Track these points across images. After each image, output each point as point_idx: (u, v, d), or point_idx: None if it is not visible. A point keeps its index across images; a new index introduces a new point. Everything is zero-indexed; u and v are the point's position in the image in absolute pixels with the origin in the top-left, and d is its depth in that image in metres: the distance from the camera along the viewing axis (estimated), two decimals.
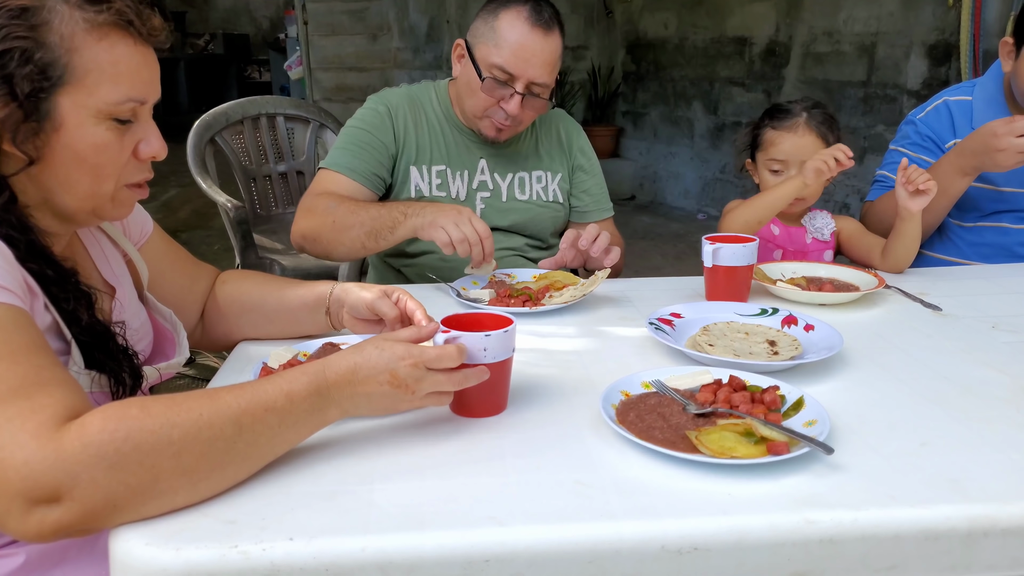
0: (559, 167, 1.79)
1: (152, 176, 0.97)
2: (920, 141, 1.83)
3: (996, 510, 0.76)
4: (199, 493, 0.75)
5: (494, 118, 1.61)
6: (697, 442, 0.86)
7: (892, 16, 4.18)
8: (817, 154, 1.52)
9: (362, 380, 0.83)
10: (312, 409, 0.82)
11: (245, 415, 0.76)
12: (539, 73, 1.55)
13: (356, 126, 1.69)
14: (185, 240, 5.19)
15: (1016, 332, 1.25)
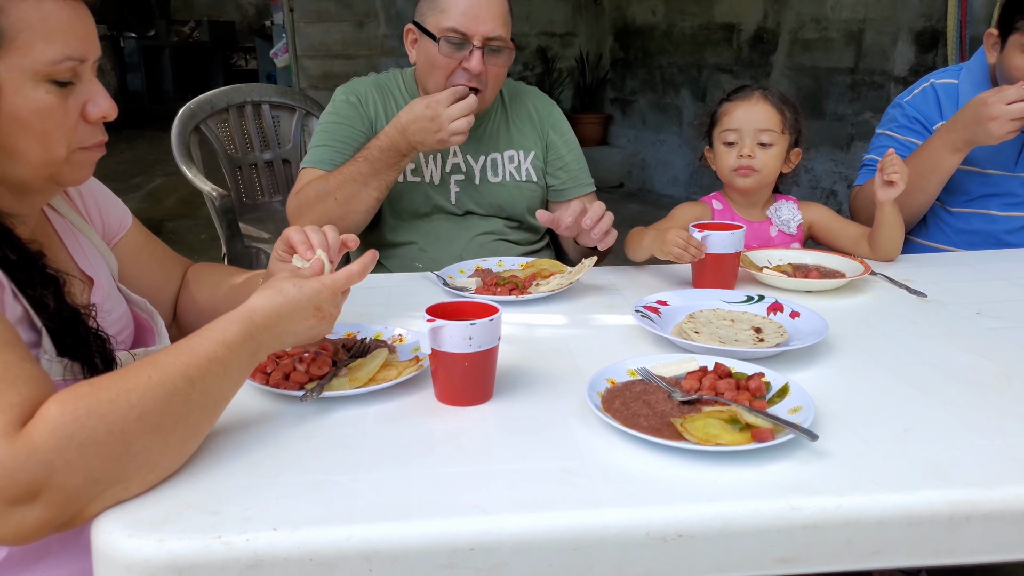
0: (532, 145, 1.78)
1: (107, 138, 0.94)
2: (907, 124, 1.83)
3: (978, 495, 0.77)
4: (173, 448, 0.77)
5: (459, 83, 1.59)
6: (682, 429, 0.86)
7: (879, 2, 4.18)
8: (675, 236, 1.35)
9: (287, 319, 0.88)
10: (249, 352, 0.85)
11: (191, 368, 0.79)
12: (491, 27, 1.56)
13: (331, 120, 1.68)
14: (171, 230, 5.16)
15: (1000, 318, 1.25)
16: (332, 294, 0.90)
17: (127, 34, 10.73)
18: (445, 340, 0.92)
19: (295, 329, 0.89)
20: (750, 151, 1.55)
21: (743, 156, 1.55)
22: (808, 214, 1.66)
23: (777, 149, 1.57)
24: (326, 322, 0.91)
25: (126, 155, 7.68)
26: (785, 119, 1.57)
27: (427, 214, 1.72)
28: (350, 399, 0.96)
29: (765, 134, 1.56)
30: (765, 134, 1.56)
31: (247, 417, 0.92)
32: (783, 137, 1.57)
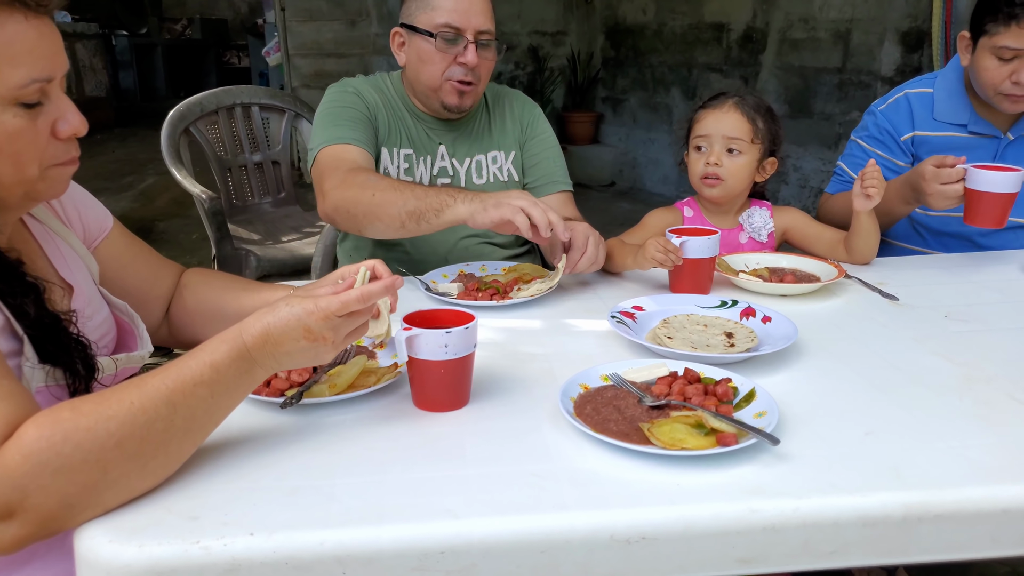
0: (512, 145, 1.81)
1: (79, 153, 0.93)
2: (877, 135, 1.87)
3: (931, 496, 0.80)
4: (152, 474, 0.78)
5: (453, 79, 1.61)
6: (649, 434, 0.89)
7: (866, 3, 4.21)
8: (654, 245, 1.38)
9: (277, 339, 0.84)
10: (239, 373, 0.83)
11: (175, 393, 0.79)
12: (482, 20, 1.60)
13: (337, 104, 1.66)
14: (163, 229, 5.17)
15: (967, 321, 1.29)
16: (323, 317, 0.85)
17: (119, 32, 10.71)
18: (421, 348, 0.95)
19: (288, 350, 0.85)
20: (717, 159, 1.57)
21: (710, 164, 1.57)
22: (783, 220, 1.68)
23: (746, 159, 1.58)
24: (321, 345, 0.86)
25: (118, 154, 7.68)
26: (756, 129, 1.58)
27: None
28: (330, 405, 0.99)
29: (734, 142, 1.57)
30: (734, 142, 1.57)
31: (229, 424, 0.93)
32: (753, 147, 1.58)
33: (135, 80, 11.03)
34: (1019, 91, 1.63)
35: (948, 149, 1.79)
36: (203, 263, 4.25)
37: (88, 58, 9.30)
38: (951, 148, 1.79)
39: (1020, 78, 1.61)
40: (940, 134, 1.81)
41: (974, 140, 1.79)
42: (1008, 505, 0.79)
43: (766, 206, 1.69)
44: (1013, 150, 1.78)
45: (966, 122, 1.79)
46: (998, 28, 1.61)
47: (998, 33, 1.61)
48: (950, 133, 1.80)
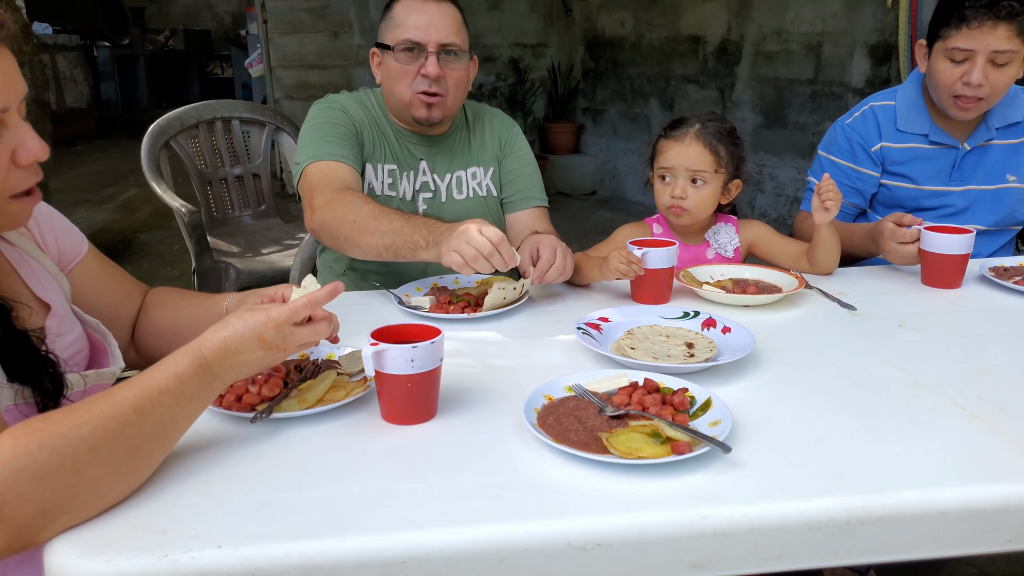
0: (491, 161, 1.85)
1: (41, 178, 0.94)
2: (847, 147, 1.92)
3: (873, 500, 0.84)
4: (124, 478, 0.81)
5: (419, 91, 1.66)
6: (608, 443, 0.92)
7: (836, 17, 4.29)
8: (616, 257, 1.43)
9: (235, 351, 0.90)
10: (200, 385, 0.88)
11: (143, 401, 0.82)
12: (444, 34, 1.64)
13: (323, 120, 1.70)
14: (144, 241, 5.17)
15: (920, 330, 1.33)
16: (275, 327, 0.91)
17: (100, 43, 10.69)
18: (388, 363, 0.98)
19: (245, 359, 0.90)
20: (681, 192, 1.60)
21: (675, 196, 1.61)
22: (747, 234, 1.72)
23: (711, 188, 1.61)
24: (276, 352, 0.92)
25: (99, 165, 7.66)
26: (719, 158, 1.60)
27: None
28: (299, 420, 1.02)
29: (698, 174, 1.60)
30: (698, 174, 1.60)
31: (199, 438, 0.97)
32: (717, 176, 1.61)
33: (117, 91, 11.01)
34: (969, 92, 1.69)
35: (911, 159, 1.85)
36: (183, 275, 4.25)
37: (69, 70, 9.28)
38: (914, 158, 1.86)
39: (971, 78, 1.67)
40: (903, 145, 1.87)
41: (934, 150, 1.85)
42: (944, 507, 0.83)
43: (731, 222, 1.73)
44: (970, 159, 1.84)
45: (926, 132, 1.85)
46: (950, 32, 1.69)
47: (950, 36, 1.69)
48: (912, 144, 1.86)
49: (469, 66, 1.72)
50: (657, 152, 1.66)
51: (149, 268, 4.51)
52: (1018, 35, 1.64)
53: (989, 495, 0.85)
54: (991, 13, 1.62)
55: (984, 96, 1.70)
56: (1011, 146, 1.83)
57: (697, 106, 5.40)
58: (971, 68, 1.67)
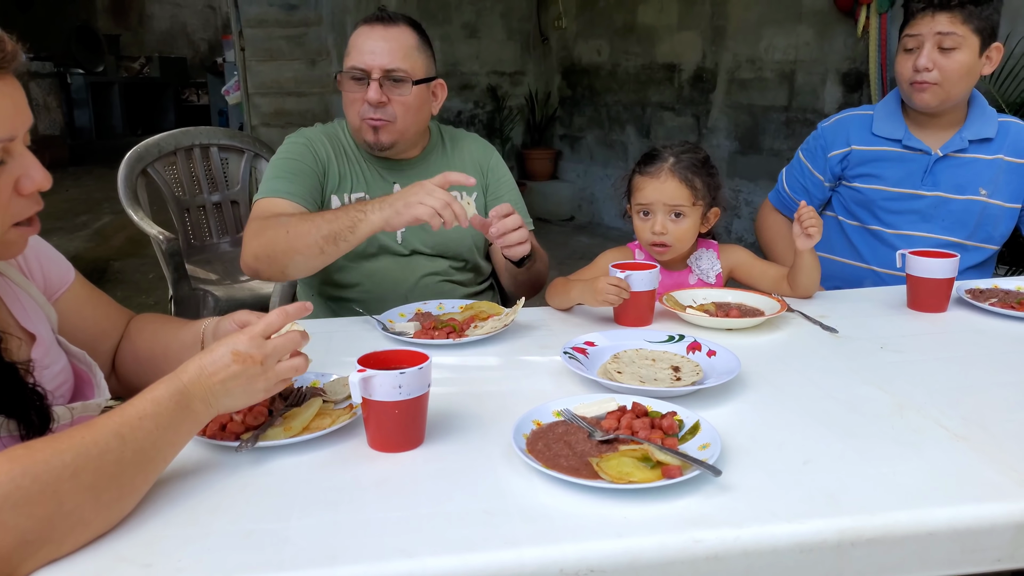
0: (474, 187, 1.82)
1: (42, 207, 0.95)
2: (812, 148, 2.05)
3: (864, 521, 0.84)
4: (106, 507, 0.79)
5: (365, 117, 1.68)
6: (598, 468, 0.92)
7: (808, 45, 4.39)
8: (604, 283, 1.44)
9: (210, 371, 0.90)
10: (179, 407, 0.88)
11: (123, 427, 0.82)
12: (387, 60, 1.65)
13: (284, 156, 1.73)
14: (119, 269, 5.11)
15: (901, 351, 1.35)
16: (248, 337, 0.92)
17: (74, 70, 10.63)
18: (375, 389, 0.97)
19: (221, 377, 0.90)
20: (662, 227, 1.60)
21: (656, 233, 1.61)
22: (728, 259, 1.74)
23: (690, 220, 1.62)
24: (251, 367, 0.91)
25: (72, 193, 7.58)
26: (696, 190, 1.60)
27: (373, 254, 1.77)
28: (285, 448, 1.00)
29: (676, 208, 1.60)
30: (676, 208, 1.60)
31: (183, 468, 0.95)
32: (695, 208, 1.61)
33: (91, 118, 10.93)
34: (920, 77, 1.80)
35: (883, 161, 1.95)
36: (159, 303, 4.20)
37: (42, 97, 9.21)
38: (886, 160, 1.95)
39: (919, 62, 1.78)
40: (876, 148, 1.95)
41: (907, 154, 1.93)
42: (934, 528, 0.84)
43: (712, 247, 1.74)
44: (942, 167, 1.90)
45: (900, 137, 1.93)
46: (905, 27, 1.83)
47: (904, 30, 1.82)
48: (885, 147, 1.94)
49: (423, 90, 1.71)
50: (633, 188, 1.66)
51: (124, 296, 4.45)
52: (964, 22, 1.76)
53: (976, 515, 0.86)
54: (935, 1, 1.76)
55: (936, 81, 1.79)
56: (984, 161, 1.89)
57: (673, 133, 5.48)
58: (919, 53, 1.79)
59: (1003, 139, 1.90)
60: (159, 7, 13.19)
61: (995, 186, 1.89)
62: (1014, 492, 0.89)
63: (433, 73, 1.75)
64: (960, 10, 1.75)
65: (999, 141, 1.89)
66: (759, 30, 4.68)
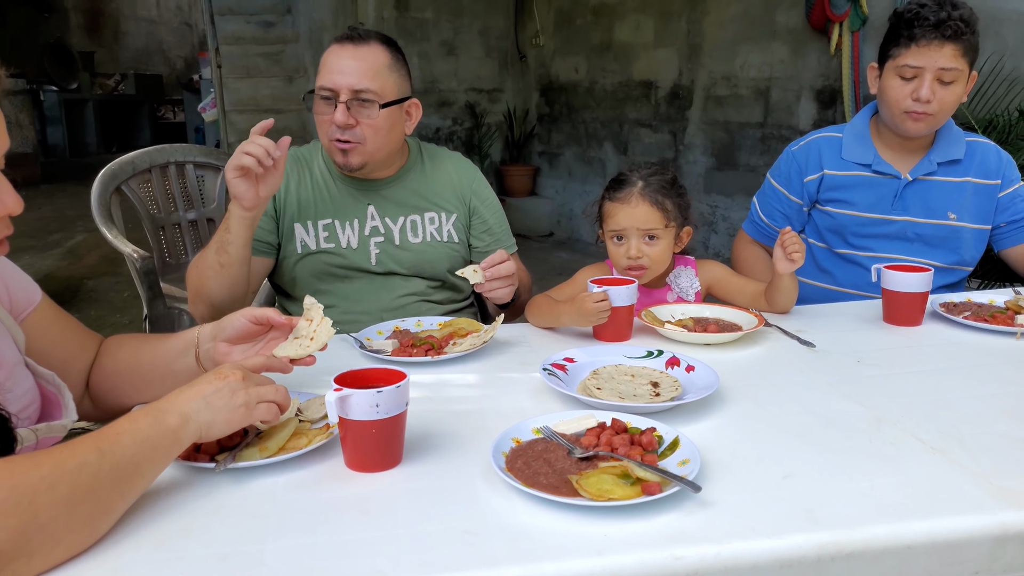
0: (454, 208, 1.84)
1: (11, 231, 0.94)
2: (785, 172, 2.03)
3: (842, 536, 0.84)
4: (81, 523, 0.78)
5: (334, 139, 1.66)
6: (578, 486, 0.91)
7: (783, 62, 4.45)
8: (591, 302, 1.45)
9: (191, 390, 0.93)
10: (154, 421, 0.88)
11: (102, 441, 0.82)
12: (356, 80, 1.62)
13: None
14: (92, 288, 5.04)
15: (878, 366, 1.36)
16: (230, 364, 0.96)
17: (47, 87, 10.53)
18: (352, 408, 0.96)
19: (202, 391, 0.92)
20: (637, 252, 1.61)
21: (631, 257, 1.61)
22: (706, 275, 1.74)
23: (664, 241, 1.62)
24: (232, 380, 0.94)
25: (45, 211, 7.49)
26: (667, 212, 1.61)
27: (347, 276, 1.76)
28: (261, 468, 0.99)
29: (649, 232, 1.61)
30: (649, 232, 1.61)
31: (155, 489, 0.93)
32: (668, 230, 1.62)
33: (64, 136, 10.84)
34: (920, 107, 1.78)
35: (854, 186, 1.94)
36: (133, 322, 4.15)
37: (14, 114, 9.10)
38: (857, 185, 1.94)
39: (920, 94, 1.76)
40: (847, 173, 1.95)
41: (877, 179, 1.92)
42: (911, 541, 0.84)
43: (690, 264, 1.75)
44: (912, 191, 1.91)
45: (870, 162, 1.93)
46: (900, 51, 1.78)
47: (900, 55, 1.78)
48: (855, 172, 1.94)
49: (394, 111, 1.68)
50: (605, 215, 1.66)
51: (98, 315, 4.38)
52: (963, 55, 1.74)
53: (954, 528, 0.86)
54: (938, 32, 1.71)
55: (933, 112, 1.78)
56: (952, 184, 1.90)
57: (651, 149, 5.52)
58: (920, 85, 1.76)
59: (971, 160, 1.91)
60: (134, 24, 13.13)
61: (964, 209, 1.90)
62: (990, 504, 0.90)
63: (407, 92, 1.72)
64: (962, 42, 1.72)
65: (967, 162, 1.91)
66: (734, 48, 4.75)
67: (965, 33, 1.72)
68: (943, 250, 1.92)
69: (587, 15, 5.93)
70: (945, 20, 1.70)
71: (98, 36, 12.34)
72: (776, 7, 4.42)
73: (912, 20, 1.74)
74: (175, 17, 14.02)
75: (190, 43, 14.10)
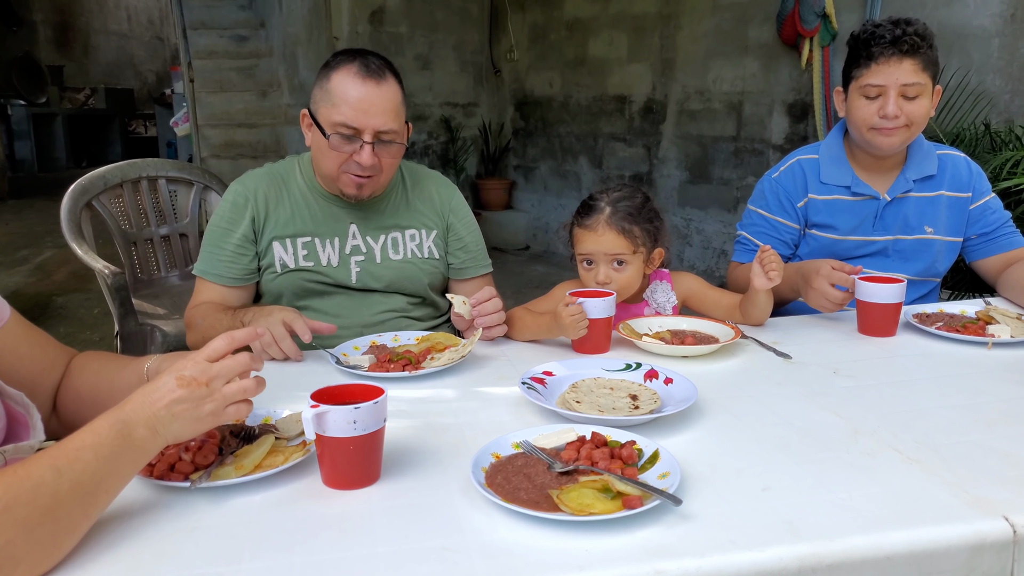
0: (433, 225, 1.83)
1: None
2: (777, 202, 1.98)
3: (823, 547, 0.84)
4: (42, 545, 0.76)
5: (350, 172, 1.63)
6: (558, 501, 0.90)
7: (755, 77, 4.51)
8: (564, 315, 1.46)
9: (154, 399, 0.89)
10: (120, 436, 0.85)
11: (59, 459, 0.80)
12: (382, 121, 1.59)
13: (218, 224, 1.73)
14: (61, 304, 4.95)
15: (854, 377, 1.37)
16: (193, 362, 0.92)
17: (15, 101, 10.38)
18: (329, 425, 0.95)
19: (165, 403, 0.89)
20: (605, 277, 1.61)
21: (599, 283, 1.62)
22: (681, 288, 1.75)
23: (633, 267, 1.62)
24: (196, 389, 0.91)
25: (12, 226, 7.36)
26: (635, 239, 1.60)
27: (326, 292, 1.74)
28: (237, 487, 0.97)
29: (617, 258, 1.61)
30: (617, 258, 1.61)
31: (127, 509, 0.91)
32: (636, 255, 1.62)
33: (32, 150, 10.67)
34: (887, 123, 1.79)
35: (835, 210, 1.93)
36: (105, 339, 4.08)
37: None
38: (838, 209, 1.94)
39: (886, 111, 1.77)
40: (828, 197, 1.94)
41: (856, 201, 1.93)
42: (891, 552, 0.85)
43: (666, 278, 1.75)
44: (891, 210, 1.92)
45: (849, 184, 1.93)
46: (861, 71, 1.80)
47: (862, 75, 1.80)
48: (836, 196, 1.94)
49: (405, 135, 1.68)
50: (574, 239, 1.67)
51: (67, 333, 4.30)
52: (923, 69, 1.76)
53: (932, 537, 0.87)
54: (896, 49, 1.74)
55: (902, 125, 1.80)
56: (927, 199, 1.93)
57: (625, 163, 5.56)
58: (885, 102, 1.77)
59: (943, 174, 1.94)
60: (105, 38, 13.00)
61: (939, 223, 1.93)
62: (967, 514, 0.90)
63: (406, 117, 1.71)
64: (921, 57, 1.75)
65: (940, 176, 1.93)
66: (707, 62, 4.81)
67: (922, 47, 1.75)
68: (917, 262, 1.95)
69: (561, 30, 5.98)
70: (901, 36, 1.73)
71: (68, 50, 12.19)
72: (748, 23, 4.48)
73: (869, 40, 1.77)
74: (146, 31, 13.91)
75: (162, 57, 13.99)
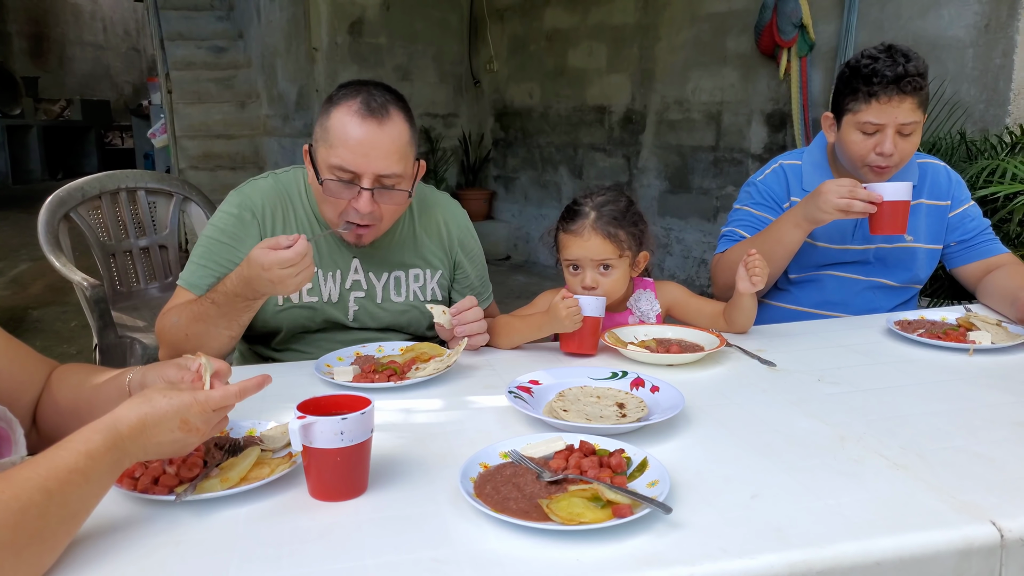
0: (439, 264, 1.74)
1: None
2: (762, 200, 2.01)
3: (812, 554, 0.84)
4: (27, 563, 0.75)
5: (347, 219, 1.52)
6: (548, 510, 0.90)
7: (733, 87, 4.56)
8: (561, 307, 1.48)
9: (152, 428, 0.89)
10: (112, 461, 0.86)
11: (50, 481, 0.78)
12: (383, 165, 1.46)
13: (214, 236, 1.59)
14: (38, 318, 4.87)
15: (838, 384, 1.38)
16: (202, 410, 0.91)
17: None
18: (316, 436, 0.94)
19: (159, 439, 0.89)
20: (592, 282, 1.62)
21: (586, 287, 1.62)
22: (665, 297, 1.76)
23: (619, 271, 1.63)
24: (193, 436, 0.92)
25: None
26: (621, 242, 1.60)
27: (320, 329, 1.68)
28: (223, 500, 0.95)
29: (603, 263, 1.61)
30: (603, 263, 1.61)
31: (113, 523, 0.90)
32: (623, 259, 1.63)
33: (6, 162, 10.54)
34: (883, 161, 1.80)
35: None
36: (83, 352, 4.02)
37: None
38: None
39: (883, 149, 1.78)
40: None
41: None
42: (880, 558, 0.85)
43: (650, 286, 1.76)
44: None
45: None
46: (859, 106, 1.78)
47: (860, 111, 1.78)
48: None
49: (412, 179, 1.56)
50: (560, 244, 1.67)
51: (44, 346, 4.24)
52: (919, 106, 1.77)
53: (920, 543, 0.87)
54: (897, 88, 1.73)
55: (895, 164, 1.82)
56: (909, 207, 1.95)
57: (605, 173, 5.59)
58: (882, 139, 1.77)
59: (923, 182, 1.96)
60: (80, 49, 12.89)
61: (919, 231, 1.95)
62: (953, 519, 0.91)
63: (417, 153, 1.58)
64: (920, 95, 1.75)
65: (920, 184, 1.95)
66: (686, 73, 4.85)
67: (923, 87, 1.75)
68: (898, 269, 1.97)
69: (540, 41, 6.01)
70: (903, 76, 1.71)
71: (43, 61, 12.07)
72: (726, 33, 4.53)
73: (870, 76, 1.74)
74: (123, 42, 13.82)
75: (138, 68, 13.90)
